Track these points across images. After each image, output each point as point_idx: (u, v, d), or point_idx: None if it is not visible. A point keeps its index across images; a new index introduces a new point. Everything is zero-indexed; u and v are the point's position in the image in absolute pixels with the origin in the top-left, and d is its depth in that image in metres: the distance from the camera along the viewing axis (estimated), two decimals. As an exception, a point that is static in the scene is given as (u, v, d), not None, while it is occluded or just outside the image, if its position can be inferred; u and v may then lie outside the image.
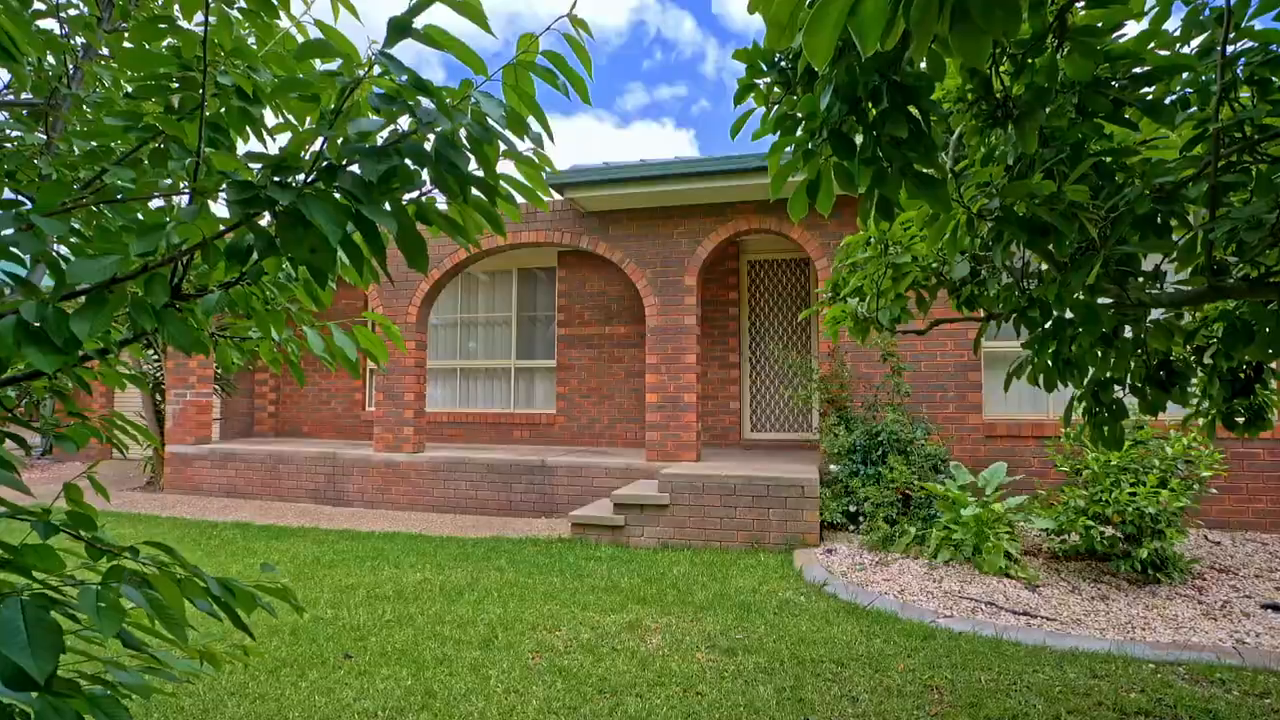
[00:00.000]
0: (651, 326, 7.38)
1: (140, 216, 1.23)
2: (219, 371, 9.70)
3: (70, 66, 2.47)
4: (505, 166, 1.58)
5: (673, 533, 6.05)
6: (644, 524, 6.12)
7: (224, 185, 1.06)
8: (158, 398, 9.92)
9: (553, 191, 7.25)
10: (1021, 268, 2.26)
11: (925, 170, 1.57)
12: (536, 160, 1.49)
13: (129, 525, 7.21)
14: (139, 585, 1.06)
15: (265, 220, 1.22)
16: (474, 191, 1.45)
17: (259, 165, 1.17)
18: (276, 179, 1.11)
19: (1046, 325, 2.47)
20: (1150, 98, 1.98)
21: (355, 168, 1.29)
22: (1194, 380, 2.74)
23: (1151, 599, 4.37)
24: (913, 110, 1.55)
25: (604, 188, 7.02)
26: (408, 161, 1.33)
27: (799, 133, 1.63)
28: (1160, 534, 4.48)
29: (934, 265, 2.35)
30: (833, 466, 6.35)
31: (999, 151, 1.98)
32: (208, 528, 7.11)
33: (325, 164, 1.20)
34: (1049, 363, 2.60)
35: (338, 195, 1.20)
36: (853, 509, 6.03)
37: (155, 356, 10.14)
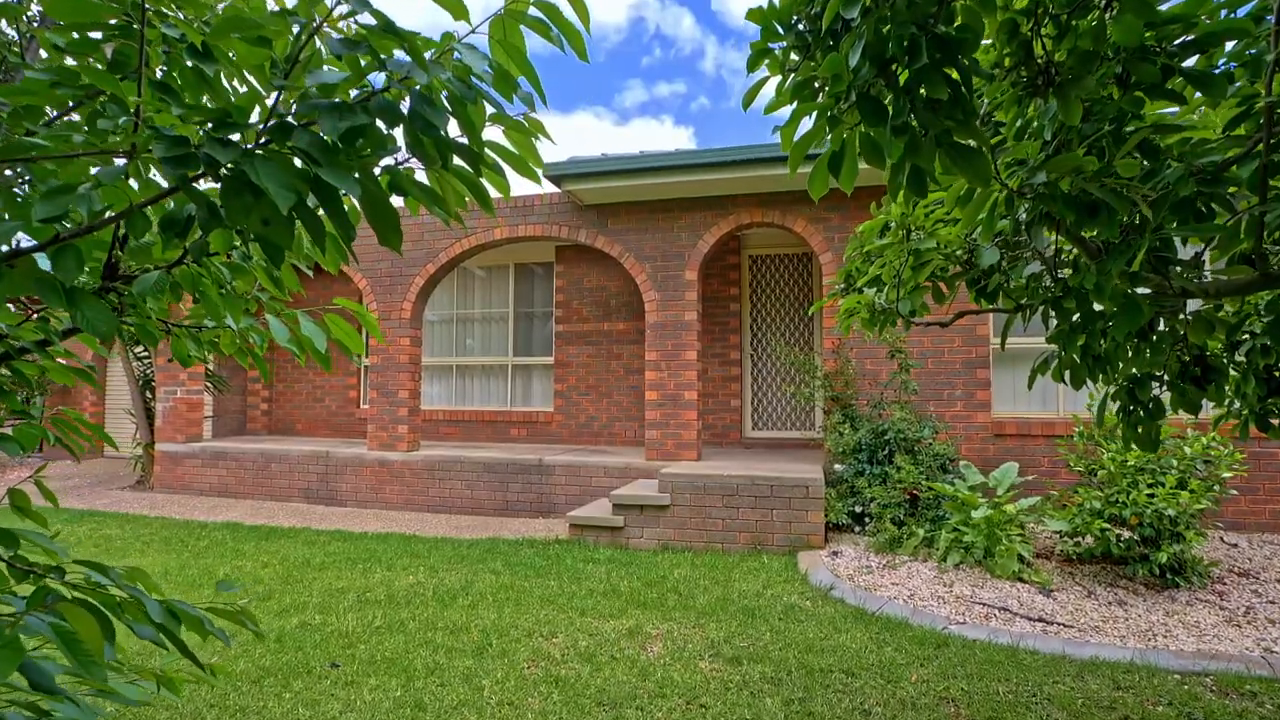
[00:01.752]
0: (651, 322, 7.22)
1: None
2: (210, 369, 9.52)
3: (28, 37, 2.29)
4: (493, 135, 1.41)
5: (673, 534, 5.88)
6: (644, 525, 5.95)
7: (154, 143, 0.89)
8: (148, 395, 9.74)
9: (550, 183, 7.07)
10: (1053, 255, 2.09)
11: (963, 141, 1.40)
12: (527, 125, 1.32)
13: (116, 525, 7.03)
14: (53, 615, 0.89)
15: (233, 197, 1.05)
16: (457, 162, 1.28)
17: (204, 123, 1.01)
18: (218, 136, 0.94)
19: (1075, 318, 2.31)
20: (1195, 69, 1.82)
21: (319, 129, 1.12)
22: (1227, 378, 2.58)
23: (1171, 604, 4.21)
24: (950, 73, 1.39)
25: (603, 180, 6.85)
26: (379, 124, 1.17)
27: (821, 98, 1.47)
28: (1180, 537, 4.32)
29: (958, 253, 2.18)
30: (837, 466, 6.19)
31: (1035, 125, 1.82)
32: (196, 528, 6.94)
33: (278, 121, 1.03)
34: (1076, 358, 2.44)
35: (295, 158, 1.04)
36: (858, 510, 5.87)
37: (145, 353, 9.97)
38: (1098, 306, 2.19)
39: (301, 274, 1.83)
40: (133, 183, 1.20)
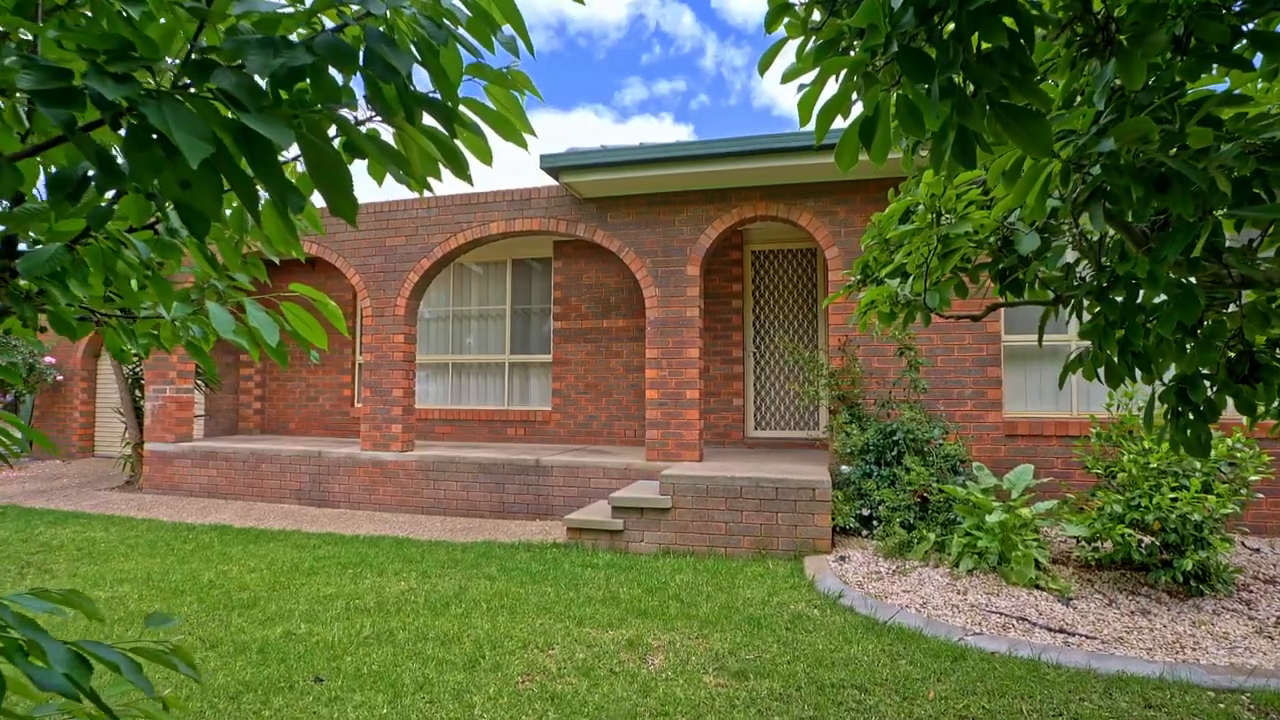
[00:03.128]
0: (652, 319, 7.02)
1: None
2: (200, 367, 9.32)
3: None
4: (471, 92, 1.21)
5: (674, 538, 5.69)
6: (644, 528, 5.76)
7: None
8: (137, 393, 9.54)
9: (547, 176, 6.87)
10: (1098, 240, 1.90)
11: (1019, 102, 1.21)
12: (511, 79, 1.13)
13: (101, 528, 6.84)
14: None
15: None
16: (429, 122, 1.09)
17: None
18: (112, 70, 0.74)
19: (1111, 313, 2.13)
20: (1259, 30, 1.62)
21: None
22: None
23: (1197, 614, 4.02)
24: (1007, 22, 1.19)
25: (602, 171, 6.64)
26: (332, 72, 0.97)
27: (855, 53, 1.27)
28: (1205, 543, 4.13)
29: (991, 240, 1.98)
30: (844, 468, 6.00)
31: (1085, 92, 1.62)
32: (184, 530, 6.74)
33: (199, 58, 0.83)
34: (1113, 355, 2.25)
35: (225, 107, 0.84)
36: (866, 513, 5.68)
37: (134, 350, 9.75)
38: (1138, 299, 2.00)
39: (287, 268, 1.64)
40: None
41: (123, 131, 0.83)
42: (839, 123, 1.59)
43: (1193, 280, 1.89)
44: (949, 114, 1.18)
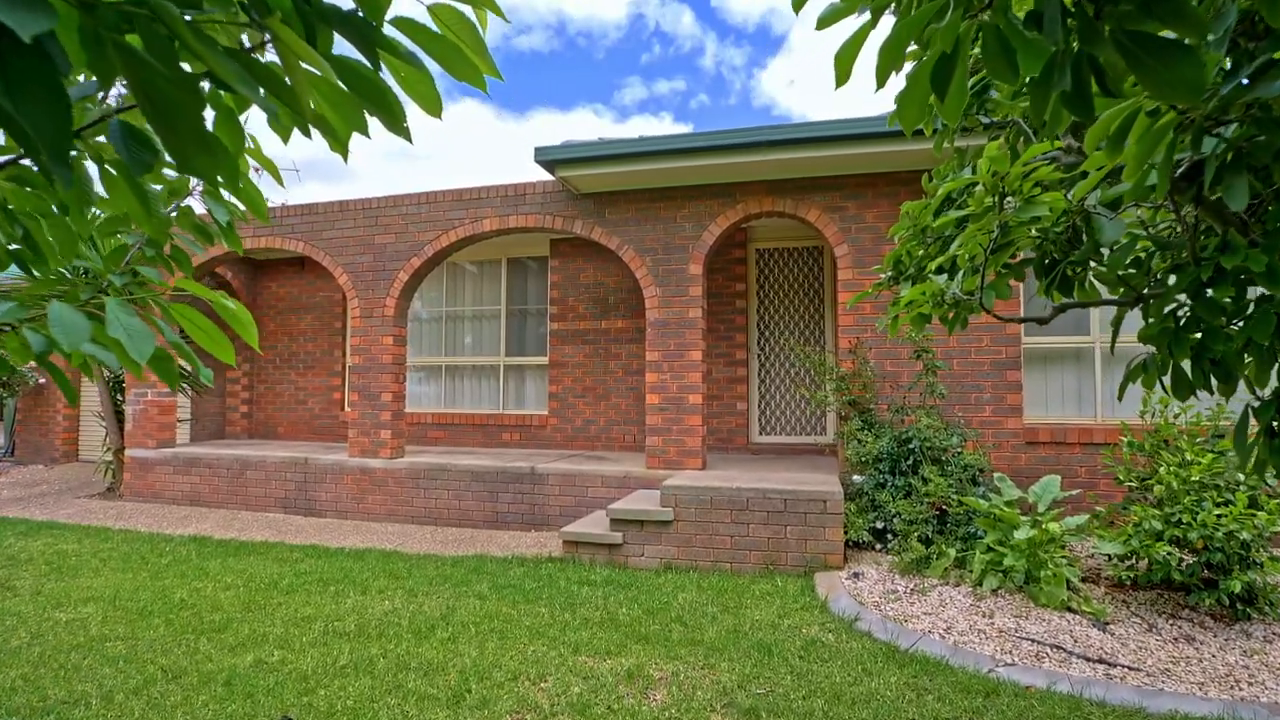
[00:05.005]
0: (652, 320, 6.69)
1: None
2: (184, 369, 8.99)
3: None
4: (410, 10, 0.89)
5: (676, 552, 5.37)
6: (644, 542, 5.44)
7: None
8: (118, 397, 9.21)
9: (543, 170, 6.54)
10: (1193, 226, 1.59)
11: (1158, 31, 0.89)
12: (461, -14, 0.80)
13: (75, 539, 6.51)
14: None
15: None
16: (348, 52, 0.77)
17: None
18: None
19: (1178, 312, 1.82)
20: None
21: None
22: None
23: (1246, 641, 3.70)
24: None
25: (600, 165, 6.32)
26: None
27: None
28: (1254, 563, 3.81)
29: (1059, 228, 1.67)
30: (856, 477, 5.67)
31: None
32: (161, 542, 6.41)
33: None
34: (1182, 363, 1.93)
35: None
36: (880, 525, 5.36)
37: (116, 352, 9.42)
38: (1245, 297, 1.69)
39: (278, 269, 1.31)
40: None
41: None
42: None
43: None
44: (1064, 44, 0.86)
